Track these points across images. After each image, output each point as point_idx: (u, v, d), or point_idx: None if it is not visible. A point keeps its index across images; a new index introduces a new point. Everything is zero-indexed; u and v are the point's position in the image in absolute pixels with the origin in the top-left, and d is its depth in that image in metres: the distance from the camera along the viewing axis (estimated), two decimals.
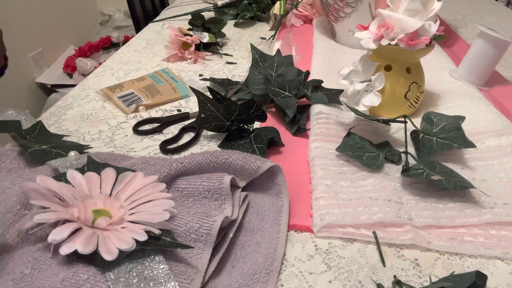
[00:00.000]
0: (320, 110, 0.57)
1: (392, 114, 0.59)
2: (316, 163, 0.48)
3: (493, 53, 0.67)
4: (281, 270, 0.38)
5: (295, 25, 1.02)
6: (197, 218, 0.36)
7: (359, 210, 0.42)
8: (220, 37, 0.89)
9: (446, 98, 0.65)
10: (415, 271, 0.38)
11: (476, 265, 0.39)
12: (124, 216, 0.36)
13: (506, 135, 0.53)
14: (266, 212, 0.42)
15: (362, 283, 0.36)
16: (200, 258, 0.35)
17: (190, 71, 0.77)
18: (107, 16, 2.31)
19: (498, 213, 0.41)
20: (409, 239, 0.39)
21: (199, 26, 0.89)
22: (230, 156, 0.42)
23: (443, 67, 0.76)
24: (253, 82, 0.63)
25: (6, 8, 1.58)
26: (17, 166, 0.47)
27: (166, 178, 0.42)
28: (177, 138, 0.56)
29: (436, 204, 0.44)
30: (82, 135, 0.56)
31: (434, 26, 0.54)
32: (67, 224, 0.32)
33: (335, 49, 0.84)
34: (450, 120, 0.52)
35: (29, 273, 0.31)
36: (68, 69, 1.81)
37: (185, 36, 0.80)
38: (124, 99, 0.64)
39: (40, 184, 0.35)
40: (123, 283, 0.31)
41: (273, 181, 0.44)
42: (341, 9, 0.82)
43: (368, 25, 0.58)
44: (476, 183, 0.46)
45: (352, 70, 0.59)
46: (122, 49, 0.88)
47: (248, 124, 0.55)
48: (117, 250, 0.31)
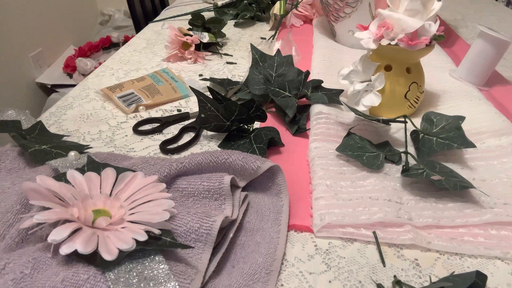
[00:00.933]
0: (320, 110, 0.57)
1: (392, 114, 0.59)
2: (316, 163, 0.48)
3: (493, 53, 0.67)
4: (281, 270, 0.38)
5: (295, 25, 1.02)
6: (197, 218, 0.36)
7: (359, 210, 0.42)
8: (220, 37, 0.89)
9: (446, 98, 0.65)
10: (415, 271, 0.38)
11: (476, 265, 0.39)
12: (124, 216, 0.36)
13: (506, 135, 0.53)
14: (266, 212, 0.42)
15: (362, 283, 0.36)
16: (200, 258, 0.35)
17: (190, 71, 0.77)
18: (107, 16, 2.31)
19: (498, 213, 0.41)
20: (409, 239, 0.39)
21: (199, 26, 0.89)
22: (230, 156, 0.42)
23: (443, 67, 0.76)
24: (253, 82, 0.63)
25: (6, 8, 1.57)
26: (17, 166, 0.47)
27: (166, 178, 0.42)
28: (177, 138, 0.56)
29: (436, 204, 0.44)
30: (82, 135, 0.56)
31: (434, 26, 0.54)
32: (67, 224, 0.32)
33: (335, 49, 0.84)
34: (450, 120, 0.52)
35: (29, 273, 0.31)
36: (68, 69, 1.80)
37: (185, 36, 0.80)
38: (124, 99, 0.64)
39: (40, 184, 0.35)
40: (123, 283, 0.31)
41: (273, 181, 0.44)
42: (341, 9, 0.82)
43: (368, 25, 0.58)
44: (476, 183, 0.46)
45: (352, 70, 0.59)
46: (122, 49, 0.88)
47: (248, 124, 0.55)
48: (117, 250, 0.31)
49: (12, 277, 0.31)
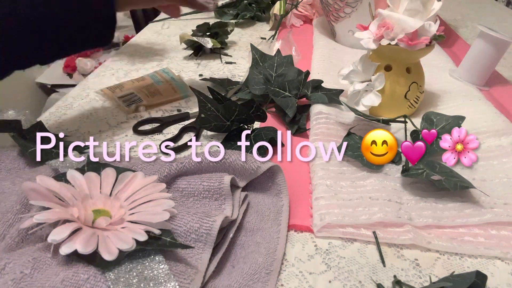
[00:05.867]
0: (320, 110, 0.57)
1: (392, 114, 0.59)
2: (316, 163, 0.48)
3: (493, 53, 0.67)
4: (281, 270, 0.38)
5: (295, 25, 1.02)
6: (197, 218, 0.36)
7: (359, 210, 0.42)
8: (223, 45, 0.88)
9: (446, 98, 0.65)
10: (415, 271, 0.38)
11: (476, 265, 0.39)
12: (124, 216, 0.36)
13: (506, 135, 0.53)
14: (266, 212, 0.42)
15: (362, 283, 0.36)
16: (200, 258, 0.35)
17: (190, 71, 0.77)
18: None
19: (498, 213, 0.41)
20: (409, 239, 0.39)
21: (203, 32, 0.88)
22: (230, 156, 0.43)
23: (443, 67, 0.76)
24: (253, 82, 0.63)
25: None
26: (17, 166, 0.47)
27: (166, 178, 0.42)
28: (177, 138, 0.56)
29: (436, 204, 0.44)
30: (82, 135, 0.56)
31: (434, 26, 0.54)
32: (67, 224, 0.32)
33: (335, 49, 0.84)
34: (450, 120, 0.52)
35: (29, 273, 0.31)
36: (68, 69, 1.80)
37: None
38: (124, 99, 0.64)
39: (40, 184, 0.35)
40: (123, 283, 0.31)
41: (273, 181, 0.44)
42: (341, 9, 0.82)
43: (368, 25, 0.58)
44: (476, 183, 0.46)
45: (352, 70, 0.59)
46: (122, 49, 0.88)
47: (248, 124, 0.55)
48: (117, 250, 0.31)
49: (12, 277, 0.31)
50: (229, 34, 0.89)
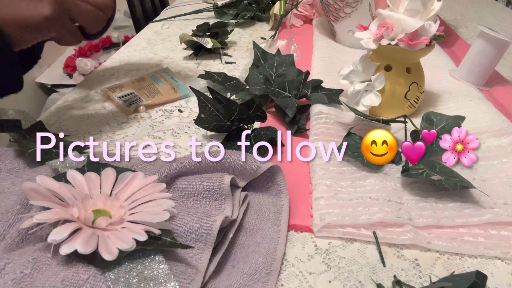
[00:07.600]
0: (320, 110, 0.57)
1: (392, 114, 0.59)
2: (316, 163, 0.48)
3: (493, 53, 0.67)
4: (281, 270, 0.38)
5: (295, 25, 1.02)
6: (197, 218, 0.36)
7: (359, 210, 0.42)
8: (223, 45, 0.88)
9: (446, 98, 0.65)
10: (415, 271, 0.38)
11: (476, 265, 0.39)
12: (124, 216, 0.36)
13: (506, 135, 0.53)
14: (266, 212, 0.42)
15: (362, 283, 0.36)
16: (200, 258, 0.35)
17: (190, 71, 0.77)
18: None
19: (498, 213, 0.41)
20: (409, 239, 0.39)
21: (203, 32, 0.88)
22: (230, 156, 0.42)
23: (443, 67, 0.76)
24: (253, 82, 0.63)
25: None
26: (17, 166, 0.47)
27: (166, 178, 0.42)
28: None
29: (436, 204, 0.44)
30: (82, 135, 0.56)
31: (434, 26, 0.54)
32: (67, 224, 0.32)
33: (335, 49, 0.84)
34: (450, 120, 0.52)
35: (29, 273, 0.31)
36: (68, 69, 1.80)
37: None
38: (124, 99, 0.64)
39: (40, 184, 0.35)
40: (123, 283, 0.31)
41: (273, 181, 0.44)
42: (341, 9, 0.82)
43: (368, 25, 0.58)
44: (476, 183, 0.46)
45: (352, 70, 0.59)
46: (122, 49, 0.88)
47: (248, 124, 0.55)
48: (117, 250, 0.31)
49: (12, 277, 0.31)
50: (229, 34, 0.89)
